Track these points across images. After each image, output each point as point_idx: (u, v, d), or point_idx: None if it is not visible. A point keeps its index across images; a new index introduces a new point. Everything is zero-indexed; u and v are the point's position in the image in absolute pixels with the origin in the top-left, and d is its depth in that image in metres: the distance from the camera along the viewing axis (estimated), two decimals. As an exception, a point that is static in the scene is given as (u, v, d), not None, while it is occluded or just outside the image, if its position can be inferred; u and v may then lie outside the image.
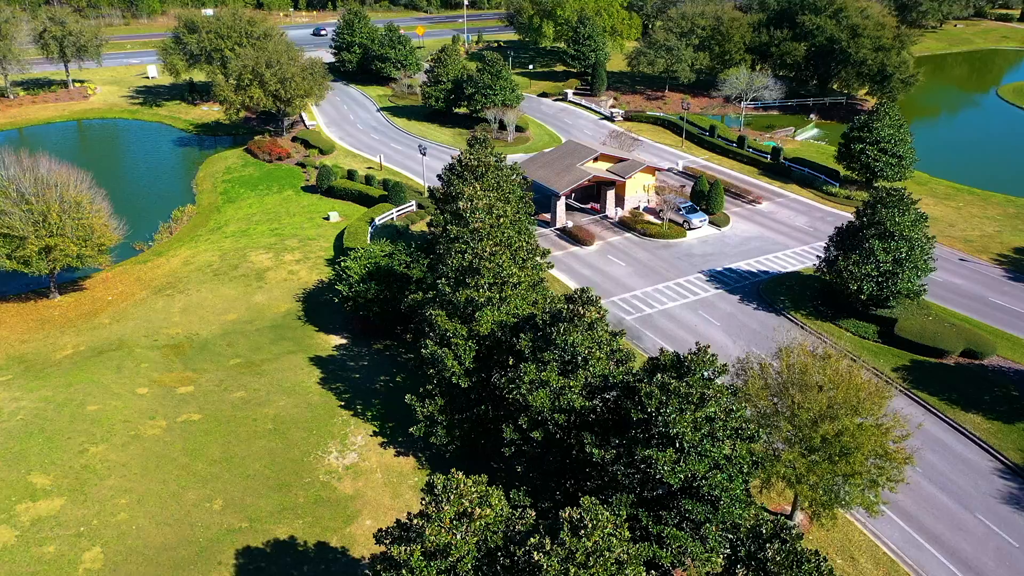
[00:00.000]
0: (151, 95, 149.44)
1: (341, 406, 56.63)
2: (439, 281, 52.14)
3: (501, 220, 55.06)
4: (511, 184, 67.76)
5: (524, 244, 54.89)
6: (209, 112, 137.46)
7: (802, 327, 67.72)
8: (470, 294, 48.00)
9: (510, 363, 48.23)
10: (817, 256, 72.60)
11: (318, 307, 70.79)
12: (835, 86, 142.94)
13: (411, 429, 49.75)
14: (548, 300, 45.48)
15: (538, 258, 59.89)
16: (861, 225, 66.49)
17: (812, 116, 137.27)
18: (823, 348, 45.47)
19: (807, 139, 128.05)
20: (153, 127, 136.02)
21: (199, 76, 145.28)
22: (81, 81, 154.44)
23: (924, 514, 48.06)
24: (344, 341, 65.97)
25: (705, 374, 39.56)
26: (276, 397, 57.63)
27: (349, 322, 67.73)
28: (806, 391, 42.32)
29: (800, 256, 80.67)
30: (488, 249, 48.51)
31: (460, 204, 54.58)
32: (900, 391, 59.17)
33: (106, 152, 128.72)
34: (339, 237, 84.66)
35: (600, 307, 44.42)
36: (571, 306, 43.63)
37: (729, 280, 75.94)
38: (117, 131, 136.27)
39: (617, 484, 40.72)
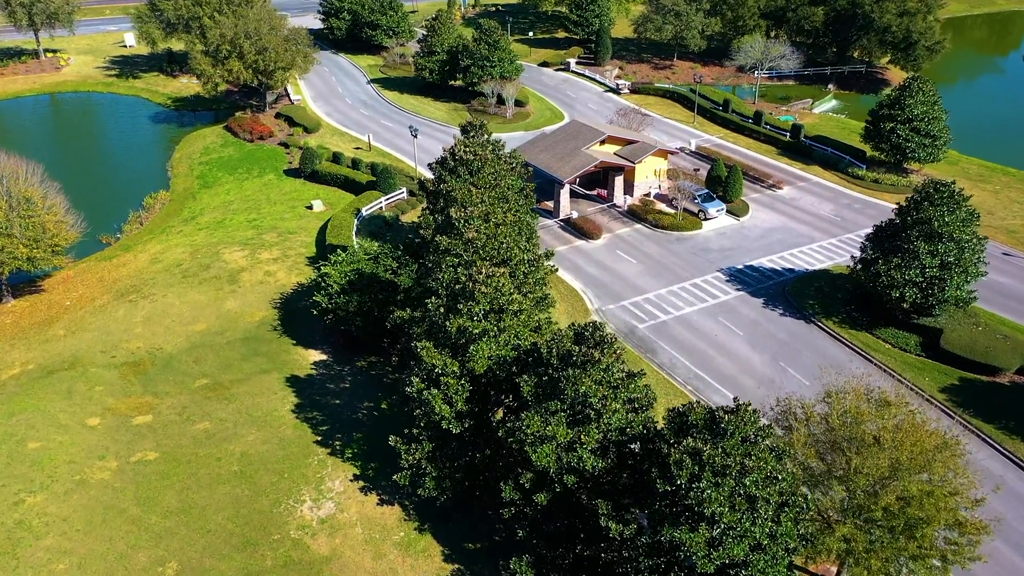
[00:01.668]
0: (128, 66, 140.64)
1: (317, 441, 49.79)
2: (428, 301, 45.17)
3: (500, 229, 47.93)
4: (510, 178, 60.24)
5: (525, 256, 47.75)
6: (188, 85, 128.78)
7: (835, 337, 60.81)
8: (463, 324, 40.93)
9: (510, 401, 41.43)
10: (852, 257, 65.17)
11: (296, 315, 63.71)
12: (855, 54, 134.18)
13: (395, 477, 43.01)
14: (554, 337, 38.40)
15: (543, 262, 52.75)
16: (904, 224, 59.17)
17: (830, 86, 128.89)
18: (879, 390, 38.53)
19: (826, 112, 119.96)
20: (129, 101, 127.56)
21: (178, 46, 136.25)
22: (54, 51, 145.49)
23: (987, 574, 41.53)
24: (324, 357, 59.02)
25: (747, 434, 32.80)
26: (245, 430, 50.80)
27: (330, 334, 60.70)
28: (862, 448, 35.47)
29: (828, 251, 73.36)
30: (484, 270, 41.33)
31: (453, 212, 47.29)
32: (945, 413, 52.53)
33: (76, 130, 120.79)
34: (322, 230, 77.34)
35: (615, 347, 37.43)
36: (582, 348, 36.60)
37: (751, 280, 68.77)
38: (90, 106, 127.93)
39: (638, 566, 34.11)
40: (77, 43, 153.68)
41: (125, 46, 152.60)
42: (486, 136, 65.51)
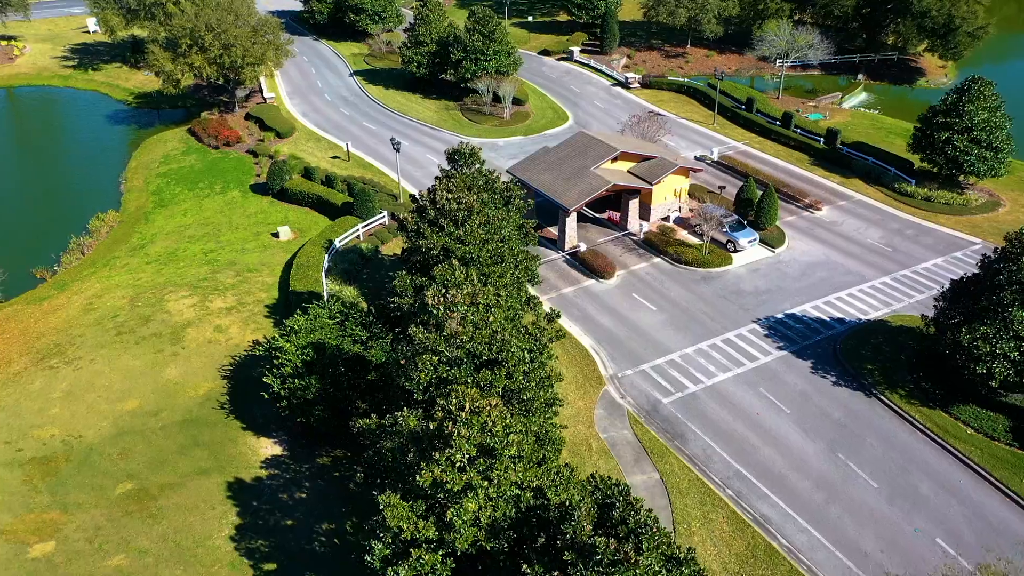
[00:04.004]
0: (88, 55, 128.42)
1: (260, 590, 39.10)
2: (400, 414, 34.48)
3: (491, 312, 36.84)
4: (507, 227, 48.96)
5: (526, 355, 36.63)
6: (152, 78, 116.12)
7: (903, 417, 49.80)
8: (439, 476, 29.91)
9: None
10: (924, 317, 53.52)
11: (248, 388, 52.54)
12: (888, 41, 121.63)
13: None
14: (568, 508, 27.49)
15: (549, 350, 41.72)
16: (994, 283, 47.92)
17: (860, 76, 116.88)
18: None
19: (856, 106, 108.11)
20: (87, 97, 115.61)
21: (143, 33, 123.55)
22: (8, 38, 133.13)
23: None
24: (278, 450, 48.00)
25: None
26: (168, 570, 39.82)
27: (287, 418, 49.61)
28: None
29: (882, 294, 62.09)
30: (468, 404, 30.20)
31: (429, 299, 36.07)
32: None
33: (24, 134, 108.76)
34: (287, 267, 65.99)
35: (656, 537, 26.44)
36: (610, 543, 25.62)
37: (795, 334, 57.61)
38: (44, 104, 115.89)
39: None
40: (36, 28, 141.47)
41: (88, 32, 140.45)
42: (478, 165, 54.40)
